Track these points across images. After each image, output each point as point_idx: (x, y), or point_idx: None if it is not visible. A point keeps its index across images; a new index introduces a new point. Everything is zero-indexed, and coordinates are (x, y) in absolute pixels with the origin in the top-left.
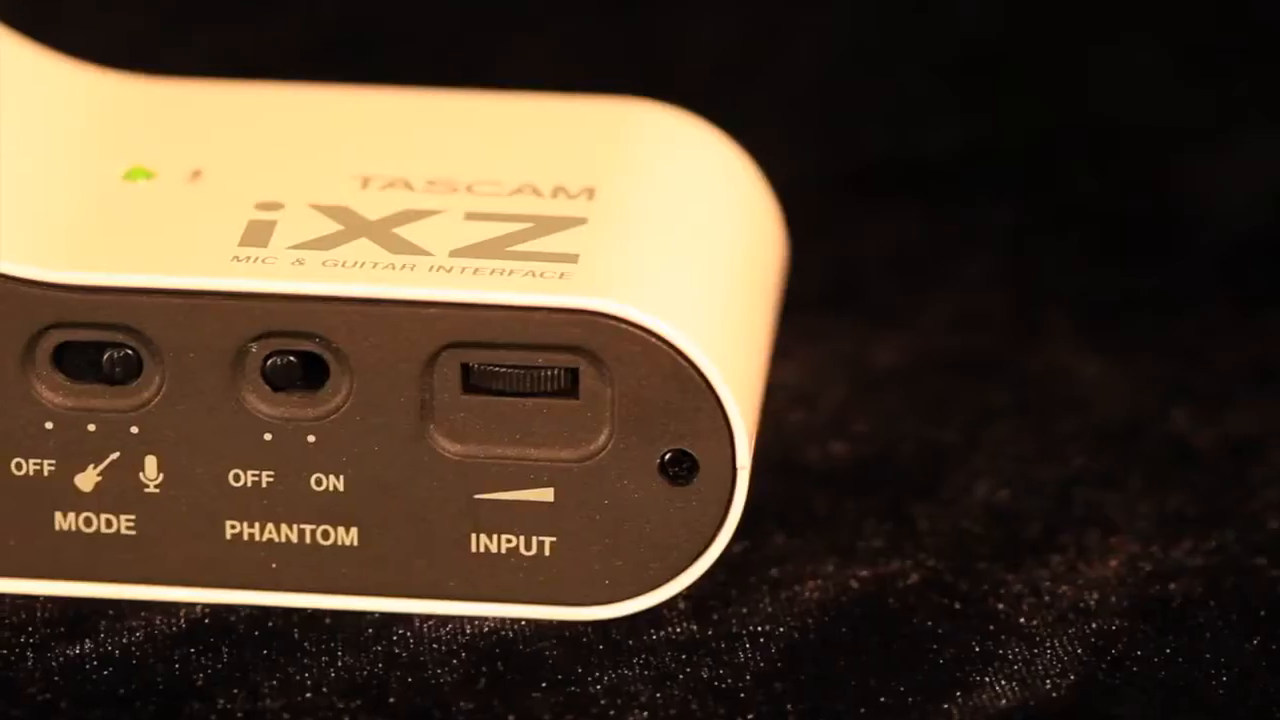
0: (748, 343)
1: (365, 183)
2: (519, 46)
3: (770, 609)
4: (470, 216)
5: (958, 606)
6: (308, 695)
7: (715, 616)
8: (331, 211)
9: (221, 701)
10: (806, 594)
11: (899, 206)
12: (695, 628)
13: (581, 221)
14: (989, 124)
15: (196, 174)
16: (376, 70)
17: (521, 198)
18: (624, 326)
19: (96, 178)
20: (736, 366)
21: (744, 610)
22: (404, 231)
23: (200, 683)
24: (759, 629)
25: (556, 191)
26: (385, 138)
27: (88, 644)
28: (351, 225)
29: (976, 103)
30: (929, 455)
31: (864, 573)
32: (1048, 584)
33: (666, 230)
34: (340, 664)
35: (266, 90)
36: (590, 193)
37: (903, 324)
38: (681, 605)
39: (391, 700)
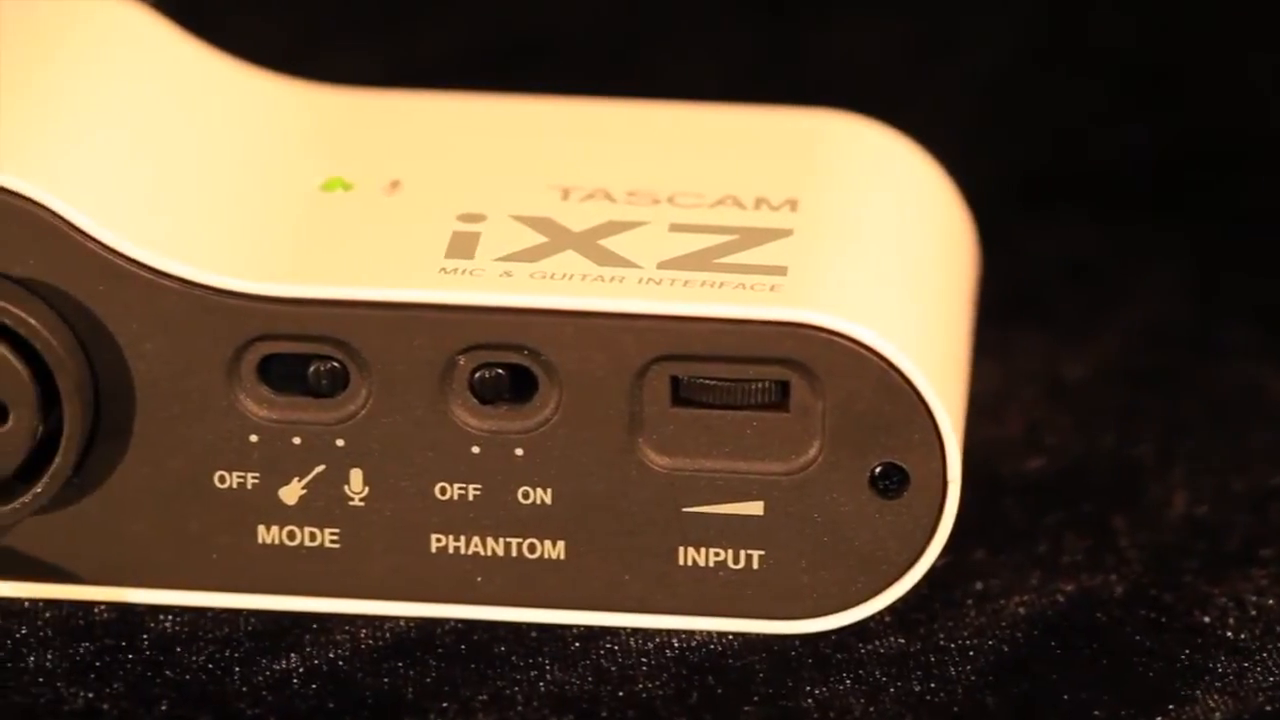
0: (953, 355)
1: (565, 194)
2: (681, 54)
3: (977, 622)
4: (675, 228)
5: (1164, 620)
6: (519, 709)
7: (922, 630)
8: (534, 223)
9: (433, 716)
10: (1012, 608)
11: (1074, 216)
12: (903, 641)
13: (787, 233)
14: (1165, 132)
15: (395, 185)
16: (526, 80)
17: (724, 209)
18: (837, 339)
19: (294, 189)
20: (946, 379)
21: (950, 624)
22: (610, 243)
23: (411, 696)
24: (967, 643)
25: (759, 203)
26: (580, 148)
27: (294, 658)
28: (556, 237)
29: (1151, 110)
30: (1124, 469)
31: (1068, 587)
32: (1253, 597)
33: (871, 242)
34: (549, 678)
35: (458, 100)
36: (793, 204)
37: (1087, 336)
38: (887, 618)
39: (604, 715)
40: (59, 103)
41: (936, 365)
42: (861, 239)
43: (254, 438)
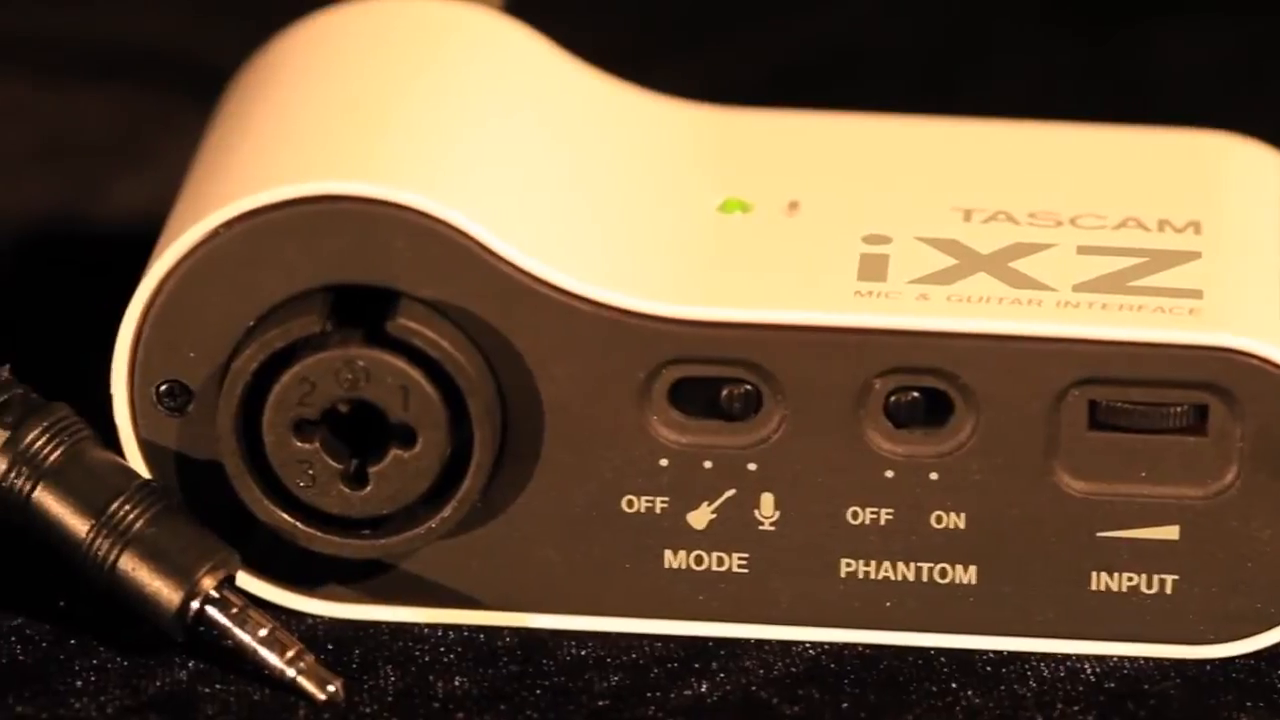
0: None
1: (967, 215)
2: (999, 69)
3: None
4: (1082, 250)
5: None
6: None
7: None
8: (941, 245)
9: None
10: None
11: None
12: None
13: (1195, 256)
14: None
15: (794, 206)
16: (842, 95)
17: (1128, 231)
18: (1259, 364)
19: (692, 210)
20: None
21: None
22: (1020, 266)
23: None
24: None
25: (1162, 225)
26: (971, 168)
27: (705, 684)
28: (965, 259)
29: None
30: None
31: None
32: None
33: (1277, 264)
34: (964, 704)
35: (836, 119)
36: (1196, 226)
37: None
38: None
39: None
40: (459, 124)
41: None
42: (1268, 261)
43: (664, 462)
